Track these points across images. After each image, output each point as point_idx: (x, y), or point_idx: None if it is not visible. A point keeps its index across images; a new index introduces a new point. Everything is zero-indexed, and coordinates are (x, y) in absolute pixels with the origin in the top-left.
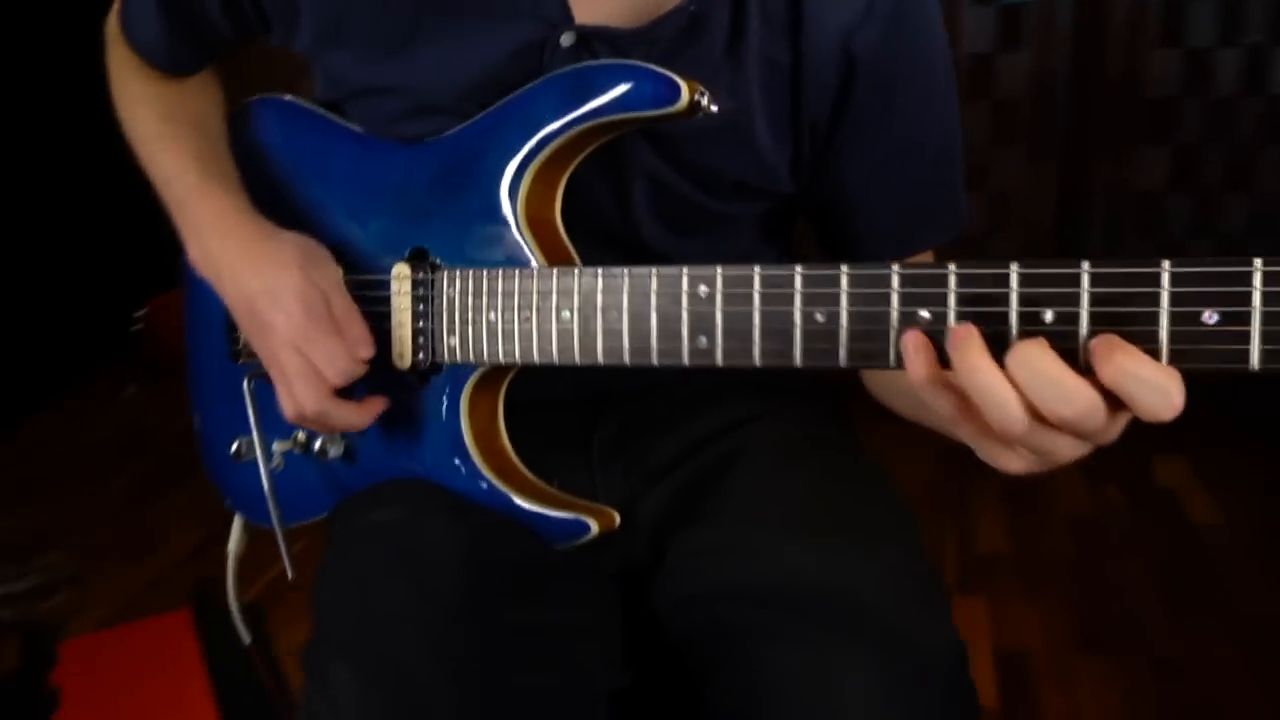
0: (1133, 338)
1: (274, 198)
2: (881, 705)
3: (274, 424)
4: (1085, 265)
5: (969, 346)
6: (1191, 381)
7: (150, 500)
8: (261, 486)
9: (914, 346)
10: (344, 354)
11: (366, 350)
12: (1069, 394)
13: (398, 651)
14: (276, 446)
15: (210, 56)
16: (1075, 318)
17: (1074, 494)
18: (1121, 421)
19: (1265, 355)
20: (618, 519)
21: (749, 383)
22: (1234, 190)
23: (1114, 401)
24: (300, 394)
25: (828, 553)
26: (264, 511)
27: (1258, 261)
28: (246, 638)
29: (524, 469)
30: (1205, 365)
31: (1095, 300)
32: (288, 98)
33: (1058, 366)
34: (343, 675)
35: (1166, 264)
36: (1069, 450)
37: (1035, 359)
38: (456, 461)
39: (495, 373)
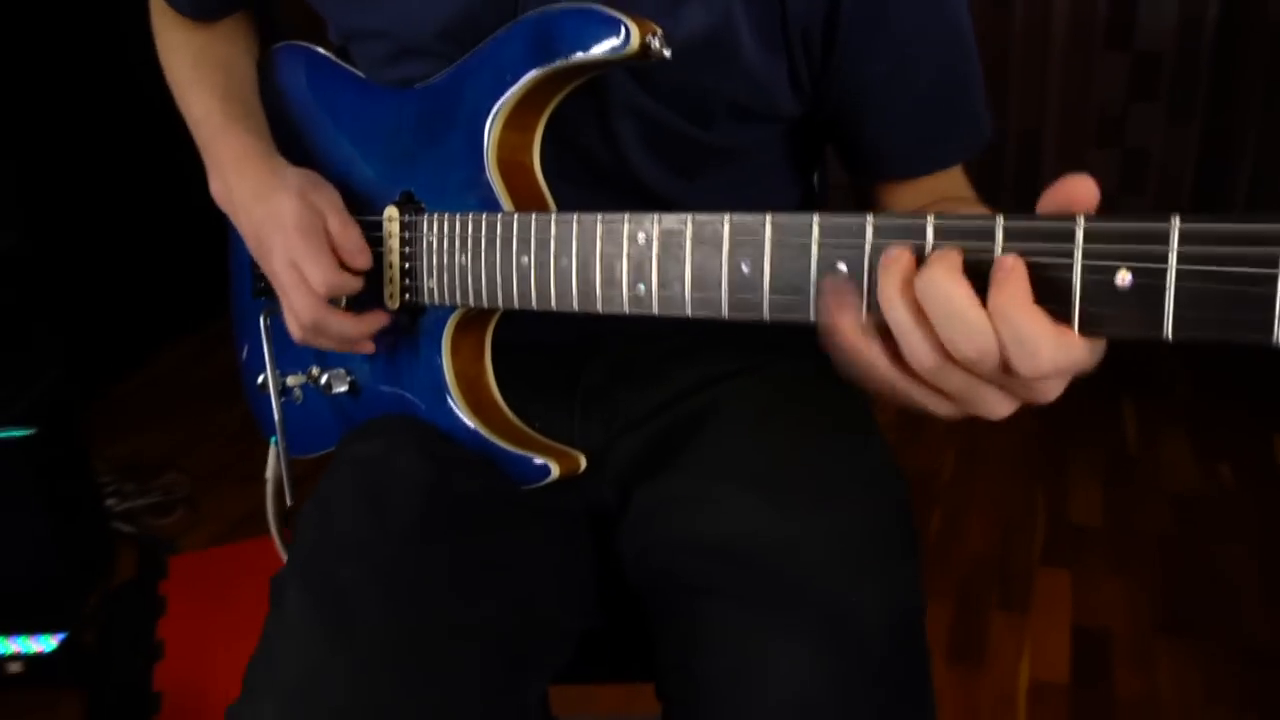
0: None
1: (290, 140)
2: (808, 669)
3: (289, 358)
4: (1000, 219)
5: (892, 272)
6: None
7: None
8: (285, 417)
9: (833, 290)
10: (330, 265)
11: (363, 261)
12: (971, 330)
13: (344, 574)
14: (291, 380)
15: (235, 2)
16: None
17: (1181, 469)
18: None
19: (1178, 323)
20: (583, 463)
21: (740, 336)
22: None
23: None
24: (296, 304)
25: (782, 511)
26: (292, 441)
27: (1175, 218)
28: (285, 556)
29: (505, 409)
30: (1117, 331)
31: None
32: (306, 45)
33: (964, 298)
34: (294, 596)
35: (1081, 218)
36: (995, 402)
37: (943, 286)
38: (438, 398)
39: (479, 314)
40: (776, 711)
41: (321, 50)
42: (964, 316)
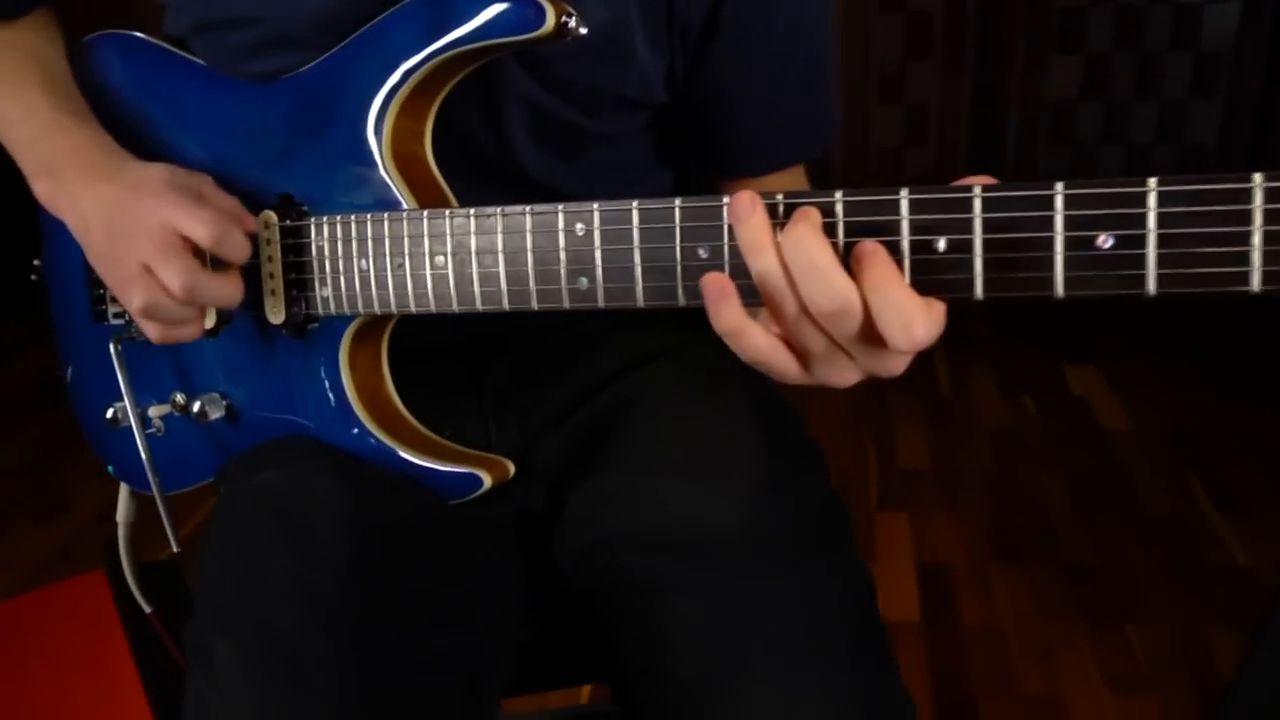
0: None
1: (126, 140)
2: (791, 652)
3: (149, 386)
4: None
5: (757, 218)
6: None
7: (58, 457)
8: (140, 454)
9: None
10: (213, 219)
11: (250, 222)
12: (829, 285)
13: (281, 624)
14: (153, 411)
15: None
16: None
17: (992, 405)
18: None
19: (1161, 279)
20: (512, 469)
21: (645, 320)
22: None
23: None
24: (167, 273)
25: (728, 498)
26: (146, 479)
27: (1151, 181)
28: (147, 607)
29: (412, 421)
30: (1099, 291)
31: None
32: (131, 34)
33: (826, 253)
34: (225, 652)
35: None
36: (847, 369)
37: (806, 240)
38: (340, 417)
39: (374, 322)
40: (762, 704)
41: (154, 40)
42: (824, 272)
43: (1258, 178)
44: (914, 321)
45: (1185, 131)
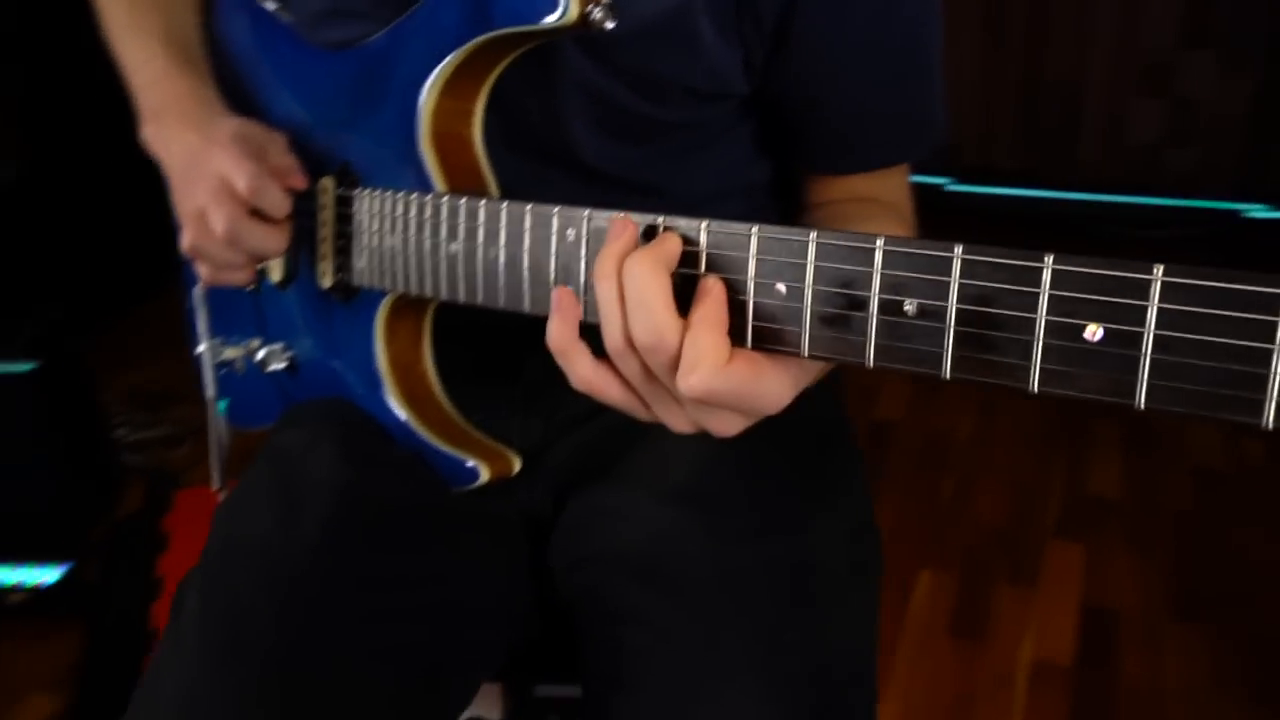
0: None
1: (231, 91)
2: (734, 713)
3: (232, 327)
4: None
5: (613, 247)
6: None
7: None
8: (229, 388)
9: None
10: (261, 172)
11: (295, 178)
12: (651, 319)
13: (240, 586)
14: (230, 352)
15: None
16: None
17: (1206, 444)
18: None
19: (1151, 392)
20: (517, 465)
21: None
22: None
23: None
24: (214, 216)
25: (718, 535)
26: (238, 413)
27: (1158, 269)
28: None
29: (441, 400)
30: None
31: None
32: None
33: (658, 288)
34: (192, 605)
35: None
36: (673, 412)
37: (644, 272)
38: (371, 385)
39: (414, 298)
40: None
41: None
42: (650, 306)
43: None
44: (698, 365)
45: None
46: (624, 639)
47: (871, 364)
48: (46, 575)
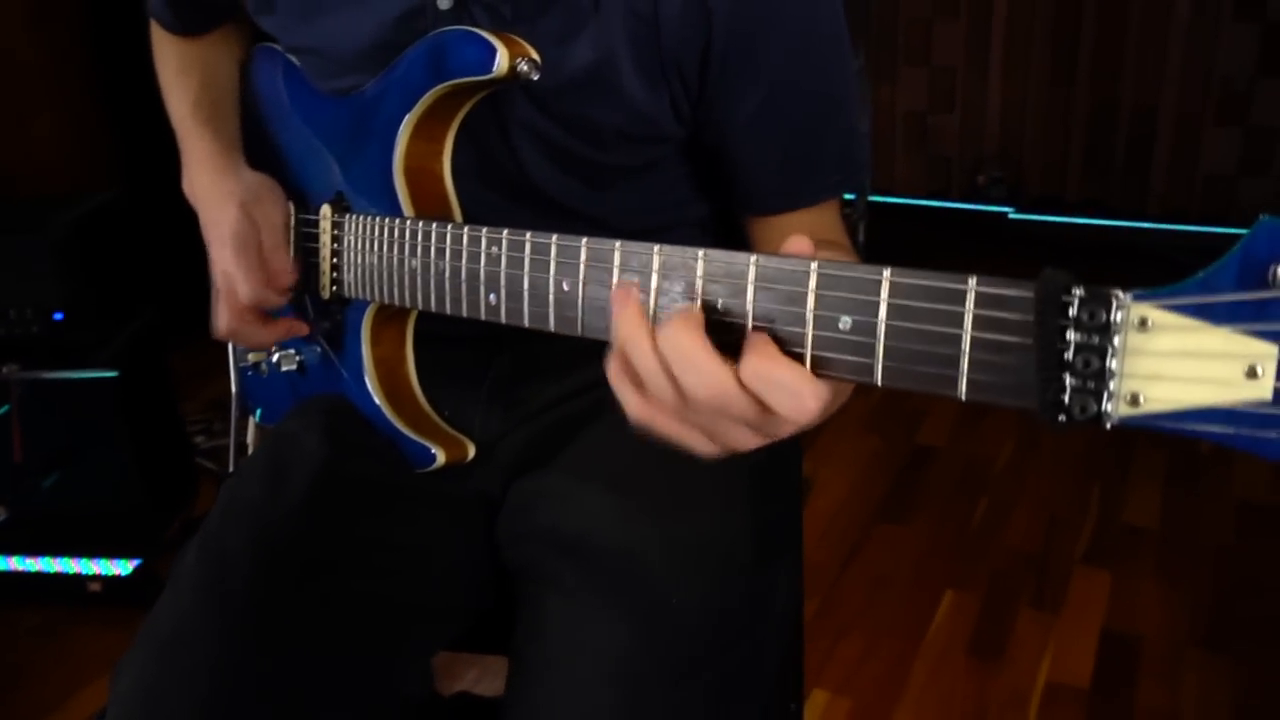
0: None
1: (258, 135)
2: (622, 646)
3: None
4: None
5: (630, 313)
6: None
7: None
8: (257, 388)
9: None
10: (259, 282)
11: (286, 280)
12: (705, 377)
13: (230, 540)
14: (252, 356)
15: (216, 17)
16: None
17: (1253, 478)
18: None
19: (885, 372)
20: (471, 451)
21: None
22: None
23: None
24: (220, 311)
25: (631, 516)
26: (264, 410)
27: (886, 272)
28: None
29: (419, 396)
30: (838, 374)
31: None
32: (273, 46)
33: (698, 348)
34: (190, 557)
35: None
36: (742, 436)
37: (679, 336)
38: (358, 382)
39: (399, 308)
40: (588, 683)
41: (283, 52)
42: (700, 367)
43: (972, 281)
44: (803, 393)
45: None
46: (543, 601)
47: None
48: (121, 567)
